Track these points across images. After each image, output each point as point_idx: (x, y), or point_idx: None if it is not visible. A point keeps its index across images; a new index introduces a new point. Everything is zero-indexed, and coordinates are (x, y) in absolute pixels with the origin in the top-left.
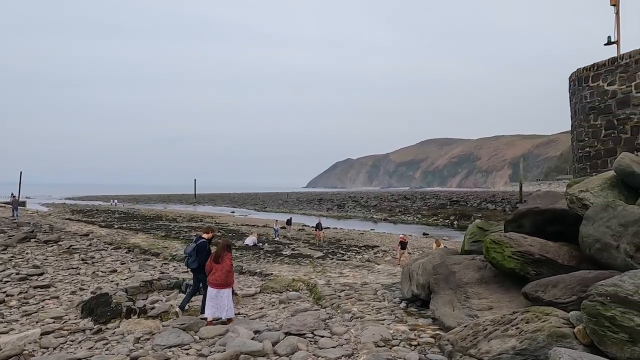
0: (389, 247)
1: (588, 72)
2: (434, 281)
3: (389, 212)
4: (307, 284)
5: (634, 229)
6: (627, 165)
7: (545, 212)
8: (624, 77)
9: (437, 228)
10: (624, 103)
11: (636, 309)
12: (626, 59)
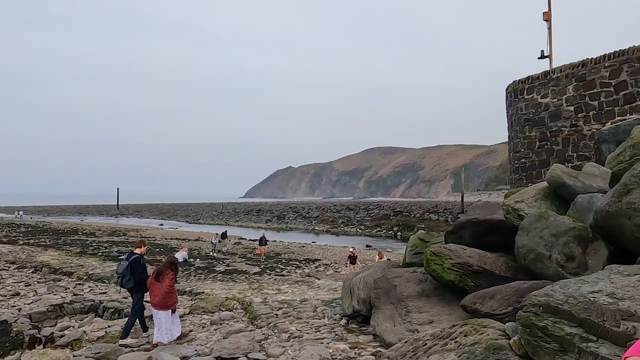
0: (330, 260)
1: (523, 85)
2: (374, 296)
3: (332, 224)
4: (242, 303)
5: (564, 239)
6: (558, 176)
7: (483, 222)
8: (555, 91)
9: (380, 239)
10: (556, 116)
11: (566, 318)
12: (557, 73)
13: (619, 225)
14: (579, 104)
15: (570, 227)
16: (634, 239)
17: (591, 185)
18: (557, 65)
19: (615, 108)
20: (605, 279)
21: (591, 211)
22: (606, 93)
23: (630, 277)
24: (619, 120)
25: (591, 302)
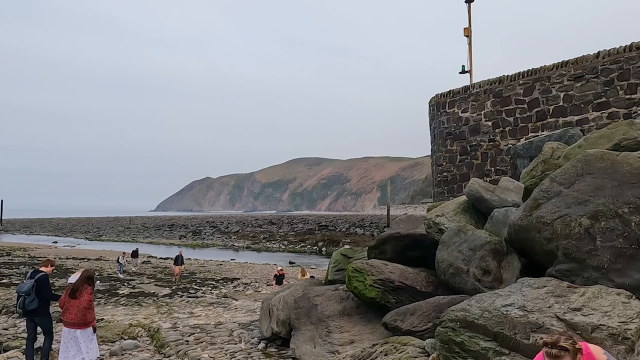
0: (251, 278)
1: (445, 99)
2: (294, 316)
3: (253, 239)
4: (148, 329)
5: (480, 253)
6: (476, 190)
7: (406, 237)
8: (475, 106)
9: (304, 255)
10: (475, 130)
11: (481, 332)
12: (477, 89)
13: (530, 239)
14: (497, 119)
15: (487, 241)
16: (543, 252)
17: (506, 200)
18: (477, 80)
19: (529, 124)
20: (517, 292)
21: (506, 225)
22: (520, 109)
23: (539, 289)
24: (532, 136)
25: (504, 316)
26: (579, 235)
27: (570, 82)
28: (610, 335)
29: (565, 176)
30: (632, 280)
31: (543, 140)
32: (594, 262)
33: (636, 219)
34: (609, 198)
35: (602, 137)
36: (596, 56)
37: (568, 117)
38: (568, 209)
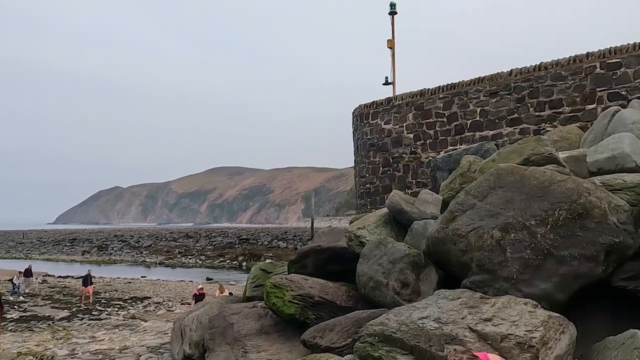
0: (163, 297)
1: (368, 110)
2: (209, 336)
3: (167, 254)
4: (41, 357)
5: (400, 266)
6: (397, 202)
7: (327, 250)
8: (397, 118)
9: (223, 271)
10: (397, 142)
11: (399, 346)
12: (399, 101)
13: (446, 251)
14: (418, 132)
15: (406, 253)
16: (459, 264)
17: (426, 212)
18: (400, 92)
19: (448, 138)
20: (433, 304)
21: (425, 237)
22: (440, 123)
23: (454, 301)
24: (451, 149)
25: (420, 329)
26: (491, 247)
27: (486, 98)
28: (517, 344)
29: (479, 189)
30: (538, 290)
31: (461, 153)
32: (504, 273)
33: (542, 230)
34: (518, 211)
35: (513, 151)
36: (509, 74)
37: (484, 132)
38: (481, 222)
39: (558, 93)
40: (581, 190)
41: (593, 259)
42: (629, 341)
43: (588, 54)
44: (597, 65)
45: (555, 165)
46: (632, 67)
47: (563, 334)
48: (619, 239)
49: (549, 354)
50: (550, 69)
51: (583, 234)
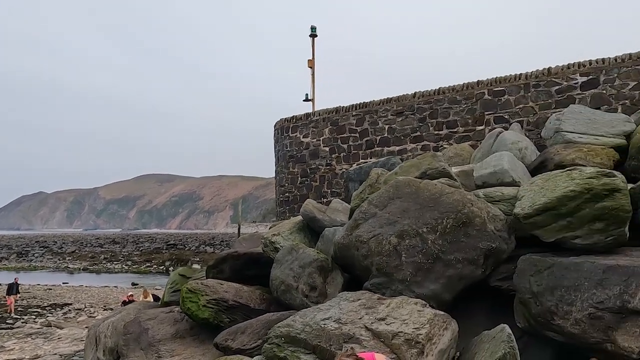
0: (85, 303)
1: (289, 123)
2: (123, 342)
3: (91, 260)
4: None
5: (309, 270)
6: (310, 211)
7: (244, 256)
8: (315, 132)
9: (149, 276)
10: (315, 154)
11: (302, 346)
12: (317, 116)
13: (350, 256)
14: (333, 145)
15: (315, 258)
16: (361, 268)
17: (336, 220)
18: (319, 108)
19: (360, 152)
20: (336, 305)
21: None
22: (353, 138)
23: (354, 302)
24: (362, 162)
25: (322, 329)
26: (388, 252)
27: (393, 117)
28: (406, 340)
29: (380, 199)
30: (428, 290)
31: (370, 166)
32: (399, 275)
33: (432, 237)
34: (412, 219)
35: (413, 165)
36: (413, 96)
37: (391, 147)
38: (381, 229)
39: (454, 115)
40: (465, 202)
41: (474, 262)
42: (499, 335)
43: (478, 82)
44: (486, 92)
45: (447, 178)
46: (513, 95)
47: (446, 330)
48: (496, 244)
49: (433, 348)
50: (448, 93)
51: (466, 240)
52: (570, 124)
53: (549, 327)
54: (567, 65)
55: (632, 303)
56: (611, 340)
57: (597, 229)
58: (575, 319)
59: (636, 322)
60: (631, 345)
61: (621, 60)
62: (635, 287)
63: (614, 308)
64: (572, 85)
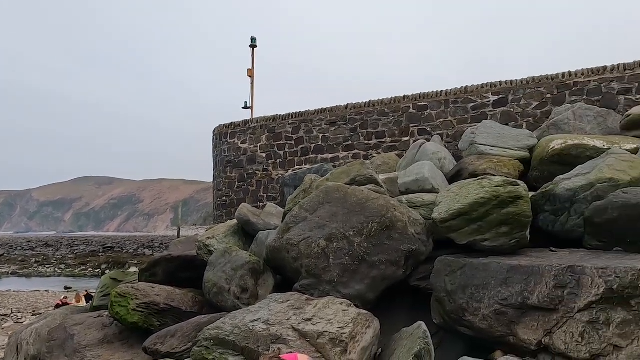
0: (12, 308)
1: (227, 129)
2: (46, 350)
3: (21, 264)
4: None
5: (241, 272)
6: (244, 214)
7: (177, 259)
8: (252, 138)
9: (84, 279)
10: (252, 160)
11: (231, 348)
12: (255, 123)
13: (281, 258)
14: (270, 152)
15: (247, 261)
16: (292, 270)
17: (270, 223)
18: (258, 115)
19: (295, 158)
20: (265, 307)
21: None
22: (289, 145)
23: (283, 303)
24: (297, 168)
25: (250, 331)
26: (317, 255)
27: (327, 126)
28: (330, 340)
29: (310, 204)
30: (354, 290)
31: (305, 172)
32: (327, 277)
33: (358, 240)
34: (340, 223)
35: (343, 172)
36: (345, 107)
37: (325, 155)
38: (311, 232)
39: (382, 126)
40: (389, 207)
41: (396, 264)
42: (416, 331)
43: (404, 97)
44: (411, 106)
45: (374, 185)
46: (435, 110)
47: (369, 328)
48: (416, 246)
49: (356, 346)
50: (377, 106)
51: (389, 243)
52: (483, 137)
53: (460, 323)
54: (482, 85)
55: (531, 300)
56: (513, 334)
57: (503, 233)
58: (483, 315)
59: (534, 317)
60: (530, 338)
61: (526, 83)
62: (534, 285)
63: (516, 304)
64: (485, 103)
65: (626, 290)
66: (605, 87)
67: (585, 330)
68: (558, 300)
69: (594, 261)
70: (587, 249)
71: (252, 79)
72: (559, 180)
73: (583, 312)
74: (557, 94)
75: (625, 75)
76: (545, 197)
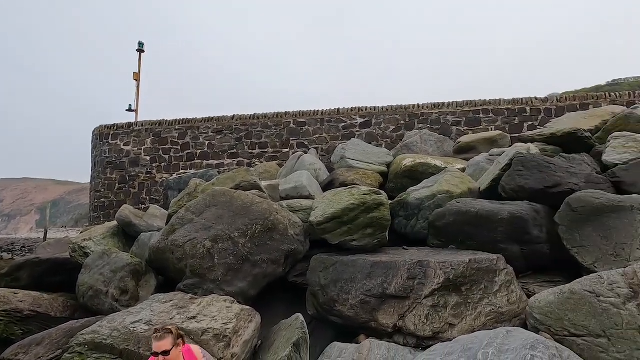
0: None
1: (109, 131)
2: None
3: None
4: None
5: (121, 274)
6: (126, 216)
7: (46, 262)
8: (136, 141)
9: None
10: (135, 162)
11: (109, 352)
12: (139, 126)
13: (165, 259)
14: (155, 155)
15: (128, 262)
16: (176, 270)
17: (153, 225)
18: (142, 119)
19: (180, 163)
20: (147, 308)
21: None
22: (175, 150)
23: (166, 303)
24: (182, 172)
25: (131, 333)
26: (202, 255)
27: (213, 134)
28: (214, 336)
29: (197, 207)
30: (237, 288)
31: (190, 176)
32: (212, 276)
33: (243, 241)
34: (226, 225)
35: (229, 178)
36: (232, 118)
37: (210, 161)
38: (197, 234)
39: (265, 138)
40: (272, 210)
41: (277, 262)
42: (294, 323)
43: (286, 113)
44: (291, 122)
45: (258, 190)
46: (312, 127)
47: (251, 322)
48: (294, 246)
49: (239, 340)
50: (261, 119)
51: (271, 243)
52: (351, 153)
53: (332, 313)
54: (351, 108)
55: (389, 290)
56: (375, 319)
57: (368, 234)
58: (351, 305)
59: (392, 304)
60: (387, 322)
61: (385, 110)
62: (392, 277)
63: (377, 294)
64: (353, 124)
65: (459, 279)
66: (443, 118)
67: (429, 313)
68: (410, 289)
69: (436, 257)
70: (431, 247)
71: (137, 83)
72: (410, 191)
73: (428, 298)
74: (408, 121)
75: (457, 110)
76: (400, 205)
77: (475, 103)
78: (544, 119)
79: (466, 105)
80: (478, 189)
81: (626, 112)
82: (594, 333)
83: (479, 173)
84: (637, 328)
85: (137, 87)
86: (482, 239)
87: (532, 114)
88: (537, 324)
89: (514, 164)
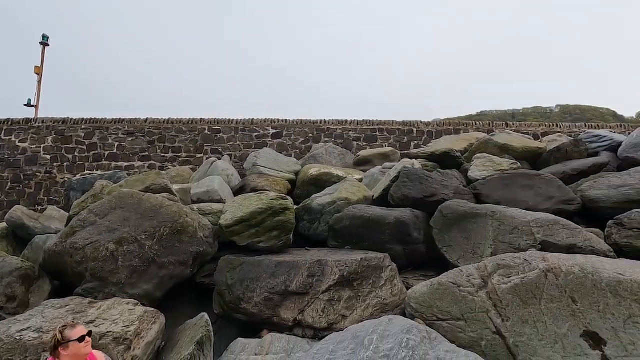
0: None
1: (2, 125)
2: None
3: None
4: None
5: (8, 280)
6: (18, 217)
7: None
8: (35, 138)
9: None
10: (32, 161)
11: None
12: (40, 123)
13: (62, 263)
14: (56, 154)
15: (17, 267)
16: (74, 274)
17: (50, 227)
18: (43, 116)
19: (86, 163)
20: (38, 314)
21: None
22: (80, 149)
23: (61, 309)
24: (87, 173)
25: (17, 341)
26: (105, 258)
27: (124, 136)
28: (114, 339)
29: (101, 208)
30: (141, 290)
31: (96, 177)
32: (114, 279)
33: (149, 243)
34: (132, 227)
35: (138, 180)
36: (145, 121)
37: (119, 163)
38: (99, 236)
39: (179, 142)
40: (182, 213)
41: (185, 264)
42: (199, 322)
43: (201, 119)
44: (206, 128)
45: (168, 193)
46: (226, 134)
47: (154, 324)
48: (203, 248)
49: (140, 342)
50: (175, 124)
51: (180, 245)
52: (262, 161)
53: (237, 311)
54: (264, 119)
55: (291, 287)
56: (277, 315)
57: (274, 236)
58: (256, 302)
59: (293, 300)
60: (289, 317)
61: (296, 123)
62: (294, 275)
63: (280, 291)
64: (266, 134)
65: (352, 276)
66: (345, 134)
67: (326, 307)
68: (309, 286)
69: (334, 256)
70: (330, 248)
71: (39, 77)
72: (314, 197)
73: (325, 293)
74: (316, 134)
75: (357, 127)
76: (305, 210)
77: (372, 122)
78: (426, 139)
79: (365, 123)
80: (372, 196)
81: (486, 137)
82: (455, 317)
83: (373, 183)
84: (485, 311)
85: (38, 82)
86: (373, 240)
87: (418, 135)
88: (413, 312)
89: (401, 177)
